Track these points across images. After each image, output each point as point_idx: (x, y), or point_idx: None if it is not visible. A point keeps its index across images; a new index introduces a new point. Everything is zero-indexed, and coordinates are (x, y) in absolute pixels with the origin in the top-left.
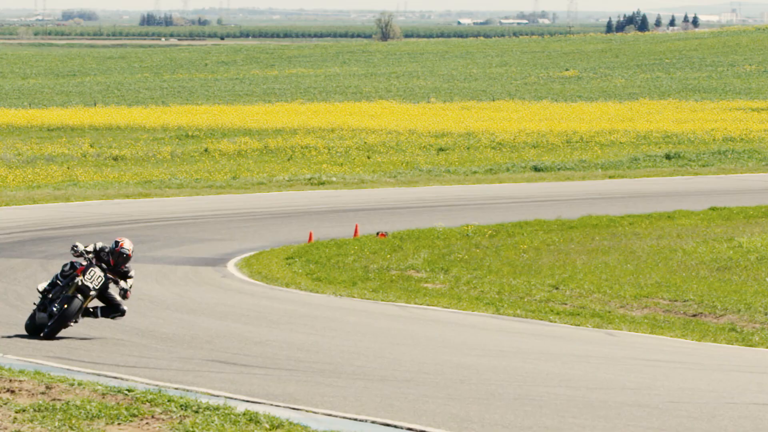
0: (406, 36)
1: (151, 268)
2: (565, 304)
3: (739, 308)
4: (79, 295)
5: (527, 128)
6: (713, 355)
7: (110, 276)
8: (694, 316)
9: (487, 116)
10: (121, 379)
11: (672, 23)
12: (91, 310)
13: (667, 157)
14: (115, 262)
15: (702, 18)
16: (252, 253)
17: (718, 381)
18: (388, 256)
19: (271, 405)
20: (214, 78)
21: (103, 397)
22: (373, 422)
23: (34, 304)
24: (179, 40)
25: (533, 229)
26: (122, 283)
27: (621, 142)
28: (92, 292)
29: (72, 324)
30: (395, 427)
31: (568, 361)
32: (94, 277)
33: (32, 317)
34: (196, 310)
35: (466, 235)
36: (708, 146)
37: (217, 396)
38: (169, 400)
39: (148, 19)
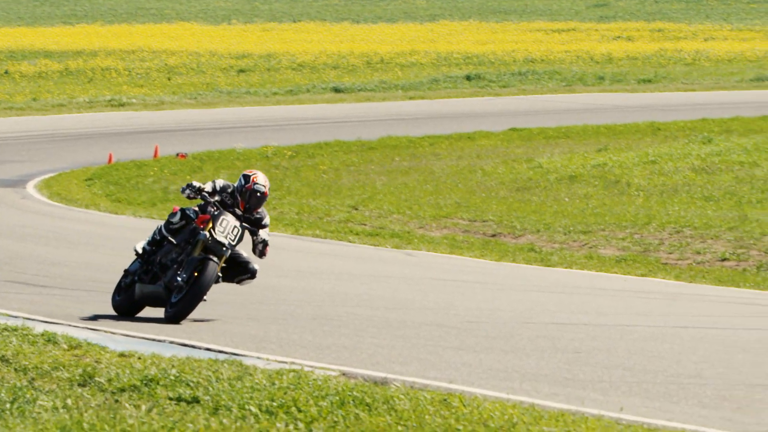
0: None
1: None
2: (365, 224)
3: (538, 228)
4: (213, 257)
5: (328, 49)
6: (512, 275)
7: (246, 225)
8: (493, 236)
9: (288, 38)
10: None
11: None
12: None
13: (468, 78)
14: (246, 206)
15: None
16: (51, 174)
17: (516, 301)
18: (188, 177)
19: (70, 326)
20: None
21: None
22: (171, 342)
23: (125, 270)
24: None
25: (333, 150)
26: (262, 233)
27: (422, 63)
28: (226, 250)
29: (205, 299)
30: (193, 347)
31: (367, 282)
32: (227, 229)
33: (123, 289)
34: None
35: (265, 156)
36: (509, 67)
37: (16, 317)
38: None
39: None
